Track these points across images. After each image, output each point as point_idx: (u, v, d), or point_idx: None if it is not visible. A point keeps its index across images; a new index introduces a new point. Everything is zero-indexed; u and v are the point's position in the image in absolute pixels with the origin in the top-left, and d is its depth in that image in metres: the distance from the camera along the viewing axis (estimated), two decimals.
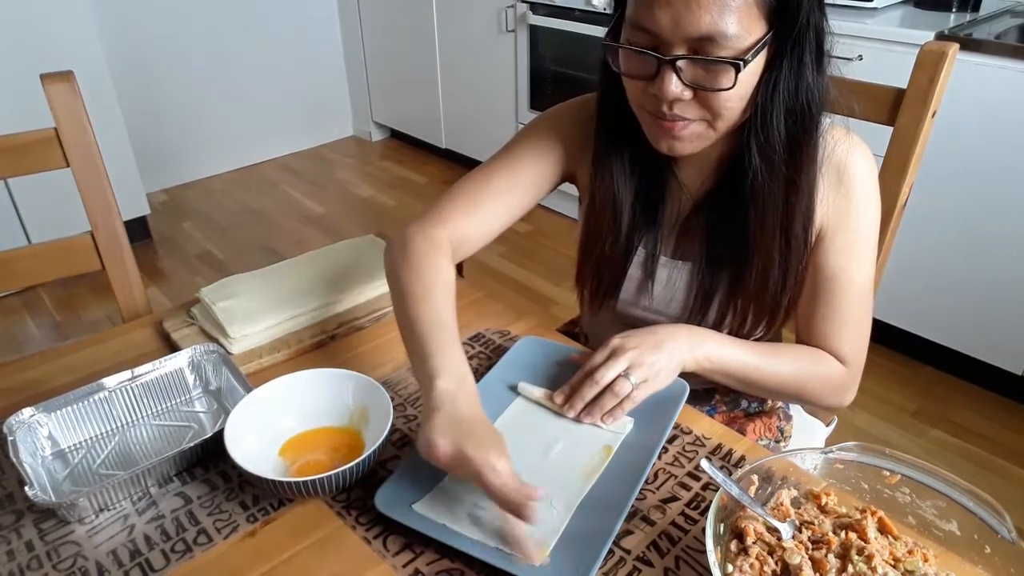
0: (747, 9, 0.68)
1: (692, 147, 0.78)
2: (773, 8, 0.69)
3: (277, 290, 1.00)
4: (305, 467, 0.75)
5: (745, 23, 0.68)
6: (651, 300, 0.93)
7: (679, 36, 0.69)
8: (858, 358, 0.89)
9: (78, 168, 1.07)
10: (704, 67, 0.71)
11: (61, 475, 0.77)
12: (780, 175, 0.78)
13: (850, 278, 0.85)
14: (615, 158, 0.87)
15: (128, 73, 3.03)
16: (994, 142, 1.75)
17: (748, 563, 0.60)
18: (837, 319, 0.86)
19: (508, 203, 0.93)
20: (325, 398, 0.80)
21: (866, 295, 0.87)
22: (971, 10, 2.00)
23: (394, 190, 3.41)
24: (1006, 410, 1.96)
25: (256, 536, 0.70)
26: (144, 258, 2.80)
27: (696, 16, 0.67)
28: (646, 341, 0.80)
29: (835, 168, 0.82)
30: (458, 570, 0.66)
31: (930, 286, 1.98)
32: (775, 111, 0.75)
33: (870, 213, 0.85)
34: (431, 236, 0.88)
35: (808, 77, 0.74)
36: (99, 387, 0.82)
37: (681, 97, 0.72)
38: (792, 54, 0.73)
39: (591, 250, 0.93)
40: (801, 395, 0.89)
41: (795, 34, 0.71)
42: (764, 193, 0.79)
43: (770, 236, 0.81)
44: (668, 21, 0.68)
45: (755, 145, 0.77)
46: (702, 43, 0.69)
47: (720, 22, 0.67)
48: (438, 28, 3.22)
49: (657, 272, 0.91)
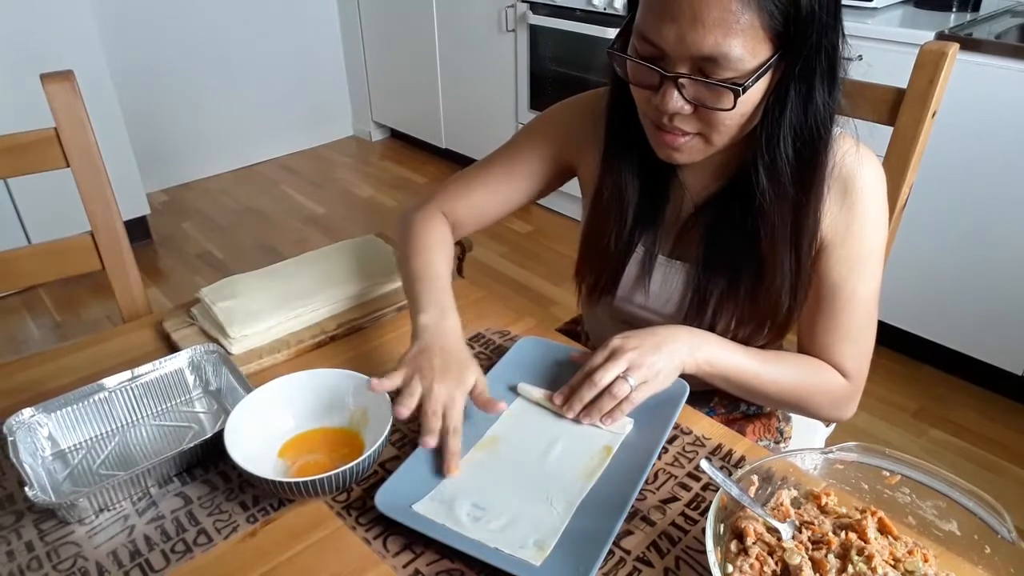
0: (752, 32, 0.67)
1: (689, 158, 0.78)
2: (780, 32, 0.68)
3: (277, 290, 1.00)
4: (305, 467, 0.75)
5: (750, 46, 0.67)
6: (647, 298, 0.93)
7: (683, 54, 0.69)
8: (860, 372, 0.88)
9: (78, 168, 1.07)
10: (706, 86, 0.70)
11: (61, 475, 0.77)
12: (788, 195, 0.78)
13: (852, 290, 0.84)
14: (624, 158, 0.87)
15: (128, 73, 3.03)
16: (994, 142, 1.75)
17: (748, 563, 0.60)
18: (839, 332, 0.86)
19: (503, 191, 0.99)
20: (325, 399, 0.80)
21: (870, 308, 0.86)
22: (971, 10, 2.00)
23: (394, 190, 3.41)
24: (1006, 410, 1.96)
25: (256, 536, 0.70)
26: (144, 258, 2.80)
27: (700, 36, 0.67)
28: (646, 342, 0.80)
29: (842, 180, 0.81)
30: (458, 570, 0.66)
31: (930, 286, 1.98)
32: (782, 134, 0.74)
33: (876, 227, 0.83)
34: (426, 210, 1.00)
35: (818, 99, 0.73)
36: (99, 387, 0.82)
37: (681, 111, 0.73)
38: (801, 77, 0.71)
39: (593, 244, 0.94)
40: (800, 406, 0.89)
41: (804, 57, 0.70)
42: (772, 213, 0.79)
43: (781, 253, 0.81)
44: (673, 38, 0.68)
45: (762, 167, 0.76)
46: (705, 63, 0.68)
47: (723, 44, 0.66)
48: (438, 28, 3.22)
49: (654, 270, 0.91)
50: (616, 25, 2.45)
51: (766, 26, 0.67)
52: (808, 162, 0.77)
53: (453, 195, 1.01)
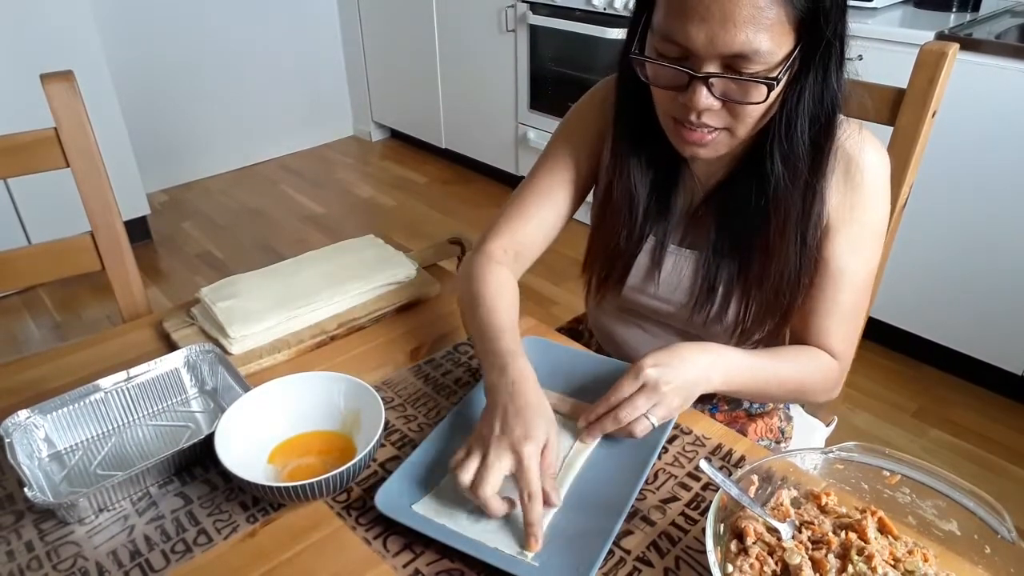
0: (779, 25, 0.68)
1: (715, 152, 0.79)
2: (803, 22, 0.69)
3: (277, 290, 1.00)
4: (296, 471, 0.75)
5: (777, 39, 0.68)
6: (657, 287, 0.94)
7: (713, 53, 0.69)
8: (849, 353, 0.89)
9: (78, 168, 1.07)
10: (736, 82, 0.71)
11: (58, 477, 0.77)
12: (801, 181, 0.79)
13: (852, 272, 0.85)
14: (633, 156, 0.88)
15: (128, 73, 3.03)
16: (994, 142, 1.75)
17: (748, 563, 0.60)
18: (834, 313, 0.86)
19: (556, 203, 0.97)
20: (317, 402, 0.80)
21: (864, 289, 0.87)
22: (971, 10, 2.00)
23: (394, 190, 3.41)
24: (1006, 410, 1.96)
25: (256, 536, 0.69)
26: (144, 258, 2.80)
27: (731, 35, 0.67)
28: (679, 377, 0.75)
29: (844, 161, 0.82)
30: (458, 570, 0.66)
31: (930, 286, 1.98)
32: (799, 120, 0.75)
33: (877, 208, 0.84)
34: (486, 251, 0.94)
35: (833, 83, 0.74)
36: (95, 388, 0.82)
37: (711, 108, 0.73)
38: (819, 64, 0.73)
39: (603, 240, 0.95)
40: (798, 395, 0.90)
41: (823, 45, 0.71)
42: (786, 199, 0.79)
43: (790, 239, 0.81)
44: (703, 38, 0.68)
45: (779, 154, 0.77)
46: (735, 59, 0.69)
47: (754, 40, 0.67)
48: (438, 28, 3.22)
49: (664, 260, 0.92)
50: (616, 25, 2.45)
51: (791, 18, 0.68)
52: (821, 147, 0.78)
53: (507, 224, 0.96)
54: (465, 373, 0.92)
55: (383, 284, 1.05)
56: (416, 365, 0.94)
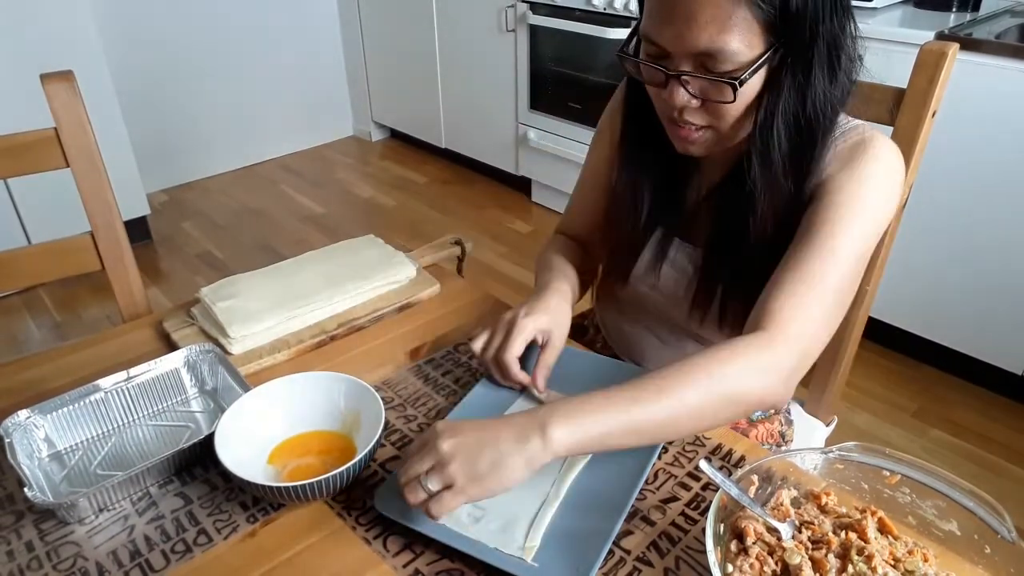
0: (748, 25, 0.68)
1: (705, 150, 0.81)
2: (775, 24, 0.69)
3: (277, 290, 1.00)
4: (296, 472, 0.75)
5: (746, 39, 0.69)
6: (658, 279, 0.95)
7: (682, 51, 0.71)
8: (786, 325, 0.72)
9: (78, 168, 1.07)
10: (707, 80, 0.73)
11: (58, 477, 0.77)
12: (779, 184, 0.78)
13: (827, 235, 0.75)
14: (639, 154, 0.90)
15: (128, 73, 3.03)
16: (994, 142, 1.75)
17: (748, 563, 0.60)
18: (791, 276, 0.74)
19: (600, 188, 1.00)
20: (317, 402, 0.80)
21: (839, 268, 0.75)
22: (971, 10, 2.00)
23: (394, 190, 3.41)
24: (1006, 410, 1.96)
25: (256, 536, 0.70)
26: (144, 258, 2.80)
27: (695, 34, 0.69)
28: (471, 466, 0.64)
29: (850, 145, 0.79)
30: (458, 570, 0.66)
31: (930, 286, 1.98)
32: (775, 124, 0.75)
33: (877, 190, 0.78)
34: (554, 239, 1.08)
35: (818, 87, 0.73)
36: (95, 388, 0.82)
37: (688, 105, 0.75)
38: (796, 67, 0.72)
39: (611, 231, 0.98)
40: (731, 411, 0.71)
41: (799, 46, 0.71)
42: (762, 201, 0.79)
43: (771, 239, 0.81)
44: (671, 36, 0.71)
45: (755, 155, 0.77)
46: (705, 58, 0.71)
47: (719, 39, 0.69)
48: (438, 28, 3.22)
49: (668, 252, 0.94)
50: (616, 25, 2.45)
51: (759, 19, 0.68)
52: (803, 151, 0.77)
53: (567, 216, 1.09)
54: (465, 373, 0.92)
55: (383, 284, 1.05)
56: (416, 365, 0.94)
